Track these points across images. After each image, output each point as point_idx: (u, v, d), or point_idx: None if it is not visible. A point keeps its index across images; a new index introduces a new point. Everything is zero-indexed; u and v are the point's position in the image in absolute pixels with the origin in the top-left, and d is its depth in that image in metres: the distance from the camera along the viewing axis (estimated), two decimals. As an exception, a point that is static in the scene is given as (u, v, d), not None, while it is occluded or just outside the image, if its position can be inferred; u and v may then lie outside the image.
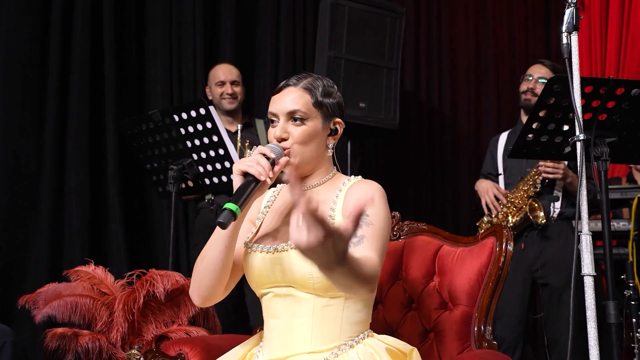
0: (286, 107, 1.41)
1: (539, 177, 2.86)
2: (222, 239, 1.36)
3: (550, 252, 2.88)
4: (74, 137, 3.15)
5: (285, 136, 1.41)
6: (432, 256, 1.69)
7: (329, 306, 1.35)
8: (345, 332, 1.36)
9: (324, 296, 1.34)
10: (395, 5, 3.68)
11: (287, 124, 1.42)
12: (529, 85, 3.01)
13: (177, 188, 2.57)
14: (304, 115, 1.41)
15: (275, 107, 1.44)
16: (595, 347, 1.39)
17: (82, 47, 3.18)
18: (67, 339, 1.94)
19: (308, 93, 1.43)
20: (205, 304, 1.46)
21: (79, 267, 2.13)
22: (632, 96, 1.94)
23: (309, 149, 1.42)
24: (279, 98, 1.44)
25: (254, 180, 1.33)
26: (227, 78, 3.14)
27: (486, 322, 1.56)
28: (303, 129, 1.41)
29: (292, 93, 1.43)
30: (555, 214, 2.90)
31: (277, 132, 1.42)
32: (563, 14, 1.50)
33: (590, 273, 1.42)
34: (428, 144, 4.43)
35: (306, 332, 1.34)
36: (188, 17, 3.53)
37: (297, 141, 1.41)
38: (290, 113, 1.41)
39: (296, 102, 1.42)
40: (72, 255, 3.01)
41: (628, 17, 4.30)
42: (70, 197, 3.12)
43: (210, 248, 1.38)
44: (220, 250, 1.36)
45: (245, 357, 1.43)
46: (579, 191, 1.46)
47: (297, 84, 1.44)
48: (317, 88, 1.44)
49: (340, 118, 1.48)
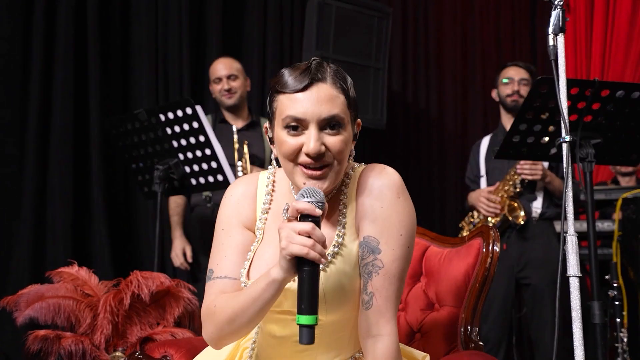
0: (322, 112, 1.09)
1: (517, 177, 2.90)
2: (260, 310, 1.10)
3: (533, 252, 2.93)
4: (57, 136, 3.11)
5: (323, 150, 1.10)
6: (419, 257, 1.69)
7: (337, 326, 1.21)
8: (353, 344, 1.25)
9: (333, 320, 1.20)
10: (382, 5, 3.68)
11: (321, 134, 1.11)
12: (513, 87, 3.06)
13: (162, 188, 2.54)
14: (342, 120, 1.12)
15: (303, 111, 1.10)
16: (580, 348, 1.40)
17: (66, 45, 3.14)
18: (50, 341, 1.91)
19: (342, 92, 1.13)
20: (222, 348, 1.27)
21: (62, 268, 2.10)
22: (617, 98, 1.96)
23: (343, 167, 1.15)
24: (306, 98, 1.10)
25: (315, 267, 1.02)
26: (222, 74, 3.09)
27: (473, 323, 1.56)
28: (341, 139, 1.11)
29: (325, 91, 1.11)
30: (536, 214, 2.93)
31: (314, 146, 1.09)
32: (549, 15, 1.50)
33: (576, 274, 1.43)
34: (415, 144, 4.45)
35: (309, 353, 1.22)
36: (174, 14, 3.51)
37: (337, 156, 1.12)
38: (327, 120, 1.10)
39: (334, 104, 1.10)
40: (54, 256, 2.98)
41: (612, 20, 4.35)
42: (53, 197, 3.08)
43: (241, 315, 1.12)
44: (256, 319, 1.13)
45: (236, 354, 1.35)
46: (564, 192, 1.47)
47: (326, 78, 1.12)
48: (346, 82, 1.15)
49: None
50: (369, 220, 1.18)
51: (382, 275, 1.16)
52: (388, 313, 1.16)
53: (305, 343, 1.03)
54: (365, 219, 1.18)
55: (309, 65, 1.14)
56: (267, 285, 1.08)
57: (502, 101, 3.11)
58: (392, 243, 1.17)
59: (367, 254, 1.17)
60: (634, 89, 1.96)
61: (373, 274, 1.15)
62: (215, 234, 1.28)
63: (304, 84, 1.11)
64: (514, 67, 3.12)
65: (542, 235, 2.95)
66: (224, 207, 1.28)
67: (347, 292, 1.18)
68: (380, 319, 1.15)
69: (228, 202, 1.28)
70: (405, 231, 1.18)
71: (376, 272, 1.15)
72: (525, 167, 2.84)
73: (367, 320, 1.17)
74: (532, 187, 2.96)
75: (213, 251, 1.26)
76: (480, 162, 3.15)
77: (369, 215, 1.18)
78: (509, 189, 2.93)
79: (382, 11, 3.59)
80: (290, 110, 1.11)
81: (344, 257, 1.19)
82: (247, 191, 1.28)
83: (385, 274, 1.16)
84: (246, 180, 1.31)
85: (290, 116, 1.10)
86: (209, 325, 1.19)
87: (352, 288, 1.19)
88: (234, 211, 1.26)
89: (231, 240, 1.24)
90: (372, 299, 1.15)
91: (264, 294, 1.09)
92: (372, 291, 1.15)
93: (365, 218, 1.18)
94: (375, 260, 1.16)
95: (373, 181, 1.19)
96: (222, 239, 1.25)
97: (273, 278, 1.07)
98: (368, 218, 1.18)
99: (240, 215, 1.26)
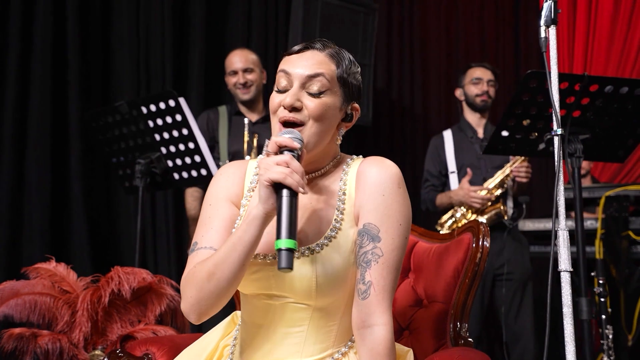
0: (306, 70, 1.16)
1: (507, 178, 2.92)
2: (242, 255, 1.09)
3: (512, 248, 2.96)
4: (34, 129, 3.03)
5: (298, 105, 1.16)
6: (408, 252, 1.68)
7: (327, 315, 1.21)
8: (340, 339, 1.24)
9: (323, 306, 1.20)
10: (368, 1, 3.67)
11: (301, 92, 1.17)
12: (482, 88, 3.11)
13: (144, 183, 2.48)
14: (326, 86, 1.17)
15: (291, 67, 1.18)
16: (571, 343, 1.39)
17: (44, 34, 3.05)
18: (25, 339, 1.85)
19: (334, 62, 1.20)
20: (202, 321, 1.22)
21: (39, 263, 2.03)
22: (606, 93, 1.96)
23: (322, 129, 1.17)
24: (297, 58, 1.19)
25: (293, 194, 1.06)
26: (238, 66, 3.01)
27: (462, 319, 1.54)
28: (320, 102, 1.16)
29: (316, 56, 1.18)
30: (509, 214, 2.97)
31: (289, 99, 1.15)
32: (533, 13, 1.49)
33: (567, 269, 1.42)
34: (400, 141, 4.45)
35: (298, 342, 1.20)
36: (156, 5, 3.43)
37: (313, 115, 1.16)
38: (310, 78, 1.16)
39: (320, 66, 1.17)
40: (31, 252, 2.90)
41: (595, 17, 4.40)
42: (30, 192, 3.00)
43: (222, 265, 1.10)
44: (237, 269, 1.10)
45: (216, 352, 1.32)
46: (556, 187, 1.45)
47: (323, 49, 1.20)
48: (344, 60, 1.21)
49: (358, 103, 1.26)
50: (369, 208, 1.19)
51: (381, 264, 1.16)
52: (385, 303, 1.16)
53: (284, 267, 1.03)
54: (365, 207, 1.20)
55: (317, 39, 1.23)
56: (247, 225, 1.09)
57: (469, 100, 3.14)
58: (391, 232, 1.18)
59: (367, 241, 1.18)
60: (623, 84, 1.96)
61: (372, 263, 1.16)
62: (202, 209, 1.28)
63: (299, 48, 1.21)
64: (481, 68, 3.15)
65: (516, 234, 3.02)
66: (213, 185, 1.30)
67: (338, 278, 1.18)
68: (377, 309, 1.16)
69: (217, 180, 1.30)
70: (404, 221, 1.21)
71: (375, 261, 1.16)
72: (522, 169, 2.86)
73: (363, 310, 1.17)
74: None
75: (199, 225, 1.26)
76: (447, 158, 3.13)
77: (370, 203, 1.19)
78: (494, 188, 2.94)
79: (368, 7, 3.58)
80: (282, 65, 1.20)
81: (339, 241, 1.19)
82: (237, 171, 1.30)
83: (384, 263, 1.17)
84: (236, 163, 1.33)
85: (280, 70, 1.19)
86: (188, 289, 1.16)
87: (344, 274, 1.19)
88: (222, 188, 1.27)
89: (217, 214, 1.24)
90: (369, 288, 1.16)
91: (244, 235, 1.09)
92: (370, 280, 1.16)
93: (365, 206, 1.20)
94: (374, 249, 1.17)
95: (374, 171, 1.22)
96: (209, 213, 1.25)
97: (253, 215, 1.09)
98: (369, 206, 1.19)
99: (228, 191, 1.27)
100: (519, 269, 2.95)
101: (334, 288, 1.18)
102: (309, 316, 1.20)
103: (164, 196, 3.11)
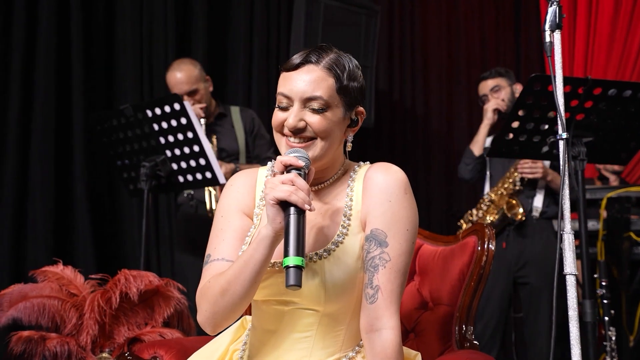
0: (305, 92, 1.17)
1: (517, 175, 2.92)
2: (253, 274, 1.11)
3: (531, 251, 2.92)
4: (39, 132, 3.03)
5: (301, 125, 1.17)
6: (413, 255, 1.67)
7: (334, 320, 1.22)
8: (347, 344, 1.25)
9: (331, 312, 1.21)
10: (370, 3, 3.68)
11: (303, 111, 1.18)
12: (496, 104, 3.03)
13: (149, 186, 2.49)
14: (325, 104, 1.18)
15: (290, 88, 1.18)
16: (577, 346, 1.40)
17: (48, 37, 3.05)
18: (34, 342, 1.86)
19: (332, 76, 1.18)
20: (217, 332, 1.26)
21: (46, 267, 2.04)
22: (609, 96, 1.97)
23: (329, 143, 1.19)
24: (295, 77, 1.18)
25: (300, 212, 1.08)
26: (182, 90, 2.77)
27: (468, 322, 1.55)
28: (323, 119, 1.17)
29: (313, 73, 1.17)
30: (537, 212, 2.93)
31: (291, 120, 1.17)
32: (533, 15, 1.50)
33: (572, 272, 1.43)
34: (401, 143, 4.46)
35: (306, 347, 1.22)
36: (160, 8, 3.44)
37: (318, 132, 1.17)
38: (308, 100, 1.17)
39: (318, 86, 1.17)
40: (35, 255, 2.91)
41: (595, 19, 4.41)
42: (34, 194, 3.00)
43: (234, 282, 1.13)
44: (249, 285, 1.13)
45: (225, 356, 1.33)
46: (561, 190, 1.46)
47: (320, 61, 1.18)
48: (343, 70, 1.19)
49: (362, 105, 1.26)
50: (376, 214, 1.21)
51: (389, 269, 1.18)
52: (392, 307, 1.18)
53: (293, 284, 1.04)
54: (372, 213, 1.21)
55: (313, 48, 1.22)
56: (257, 244, 1.12)
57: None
58: (399, 237, 1.20)
59: (375, 247, 1.19)
60: (626, 87, 1.97)
61: (380, 267, 1.17)
62: (214, 221, 1.29)
63: (295, 64, 1.19)
64: (481, 83, 3.14)
65: (541, 234, 2.94)
66: (224, 196, 1.31)
67: (346, 283, 1.20)
68: (385, 313, 1.17)
69: (228, 191, 1.31)
70: (411, 227, 1.22)
71: (383, 266, 1.17)
72: (525, 165, 2.84)
73: (371, 314, 1.18)
74: (533, 185, 2.95)
75: (211, 237, 1.27)
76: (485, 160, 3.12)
77: (377, 209, 1.21)
78: (508, 186, 2.94)
79: (370, 9, 3.59)
80: (280, 87, 1.20)
81: (347, 247, 1.21)
82: (247, 181, 1.31)
83: (391, 267, 1.18)
84: (246, 172, 1.35)
85: (279, 93, 1.20)
86: (203, 303, 1.19)
87: (352, 280, 1.20)
88: (233, 199, 1.29)
89: (229, 225, 1.26)
90: (377, 292, 1.17)
91: (255, 254, 1.11)
92: (378, 285, 1.17)
93: (372, 212, 1.21)
94: (382, 254, 1.18)
95: (381, 177, 1.23)
96: (221, 225, 1.27)
97: (263, 235, 1.11)
98: (376, 212, 1.21)
99: (239, 203, 1.28)
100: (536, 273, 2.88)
101: (342, 293, 1.19)
102: (317, 322, 1.21)
103: (175, 195, 3.11)
